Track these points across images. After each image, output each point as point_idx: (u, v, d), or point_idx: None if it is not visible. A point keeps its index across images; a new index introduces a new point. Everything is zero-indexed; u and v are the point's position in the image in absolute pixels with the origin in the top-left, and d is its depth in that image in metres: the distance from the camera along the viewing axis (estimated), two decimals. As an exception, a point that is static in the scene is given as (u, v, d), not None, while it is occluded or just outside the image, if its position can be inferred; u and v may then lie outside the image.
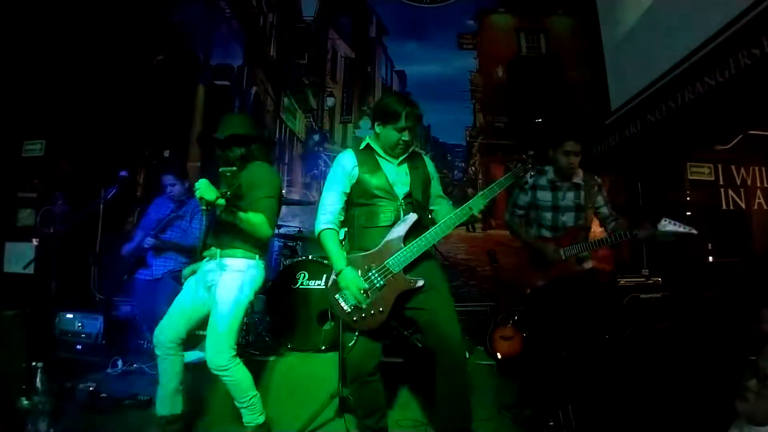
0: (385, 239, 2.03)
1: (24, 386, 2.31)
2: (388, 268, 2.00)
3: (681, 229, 2.41)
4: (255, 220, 2.07)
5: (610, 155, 4.51)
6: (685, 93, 3.50)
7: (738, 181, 4.13)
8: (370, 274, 2.01)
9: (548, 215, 2.72)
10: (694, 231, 2.42)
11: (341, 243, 2.31)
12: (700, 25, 3.24)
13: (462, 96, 5.11)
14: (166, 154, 4.72)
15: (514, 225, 2.81)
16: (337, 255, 2.05)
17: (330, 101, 5.37)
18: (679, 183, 4.01)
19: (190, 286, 2.23)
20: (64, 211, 3.81)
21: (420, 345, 3.08)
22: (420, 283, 2.00)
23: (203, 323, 2.19)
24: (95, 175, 3.82)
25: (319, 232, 2.10)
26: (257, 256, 2.20)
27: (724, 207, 4.06)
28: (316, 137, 5.30)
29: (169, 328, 2.16)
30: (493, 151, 5.08)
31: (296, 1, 5.38)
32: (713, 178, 4.08)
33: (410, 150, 2.18)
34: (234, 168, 1.97)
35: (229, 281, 2.12)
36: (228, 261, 2.15)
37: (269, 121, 5.26)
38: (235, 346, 2.15)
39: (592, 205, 2.70)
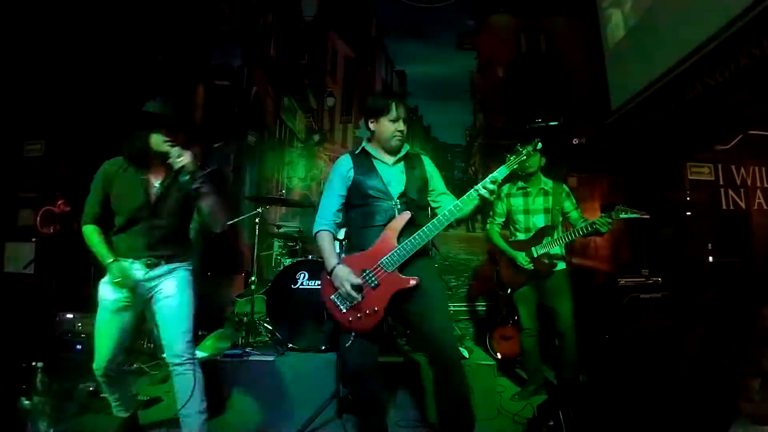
0: (379, 239, 2.05)
1: (24, 386, 2.31)
2: (382, 268, 2.01)
3: (634, 215, 2.73)
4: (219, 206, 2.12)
5: (610, 155, 4.51)
6: (685, 93, 3.50)
7: (738, 181, 4.12)
8: (364, 274, 2.01)
9: (521, 218, 3.13)
10: (646, 215, 2.74)
11: (342, 243, 2.30)
12: (700, 25, 3.24)
13: (462, 96, 5.11)
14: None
15: (493, 233, 3.23)
16: (329, 254, 2.07)
17: (330, 101, 5.37)
18: (679, 183, 4.01)
19: (117, 308, 2.13)
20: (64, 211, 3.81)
21: (409, 350, 3.10)
22: (414, 282, 2.00)
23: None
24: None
25: (315, 233, 2.15)
26: (191, 260, 2.28)
27: (724, 207, 4.05)
28: (316, 137, 5.30)
29: (114, 356, 2.15)
30: (493, 151, 5.08)
31: (296, 1, 5.38)
32: (713, 178, 4.07)
33: (406, 146, 2.20)
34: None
35: (179, 282, 2.18)
36: (175, 265, 2.19)
37: (269, 121, 5.26)
38: None
39: (561, 209, 3.07)
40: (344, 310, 2.03)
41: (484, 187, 1.97)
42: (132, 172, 2.12)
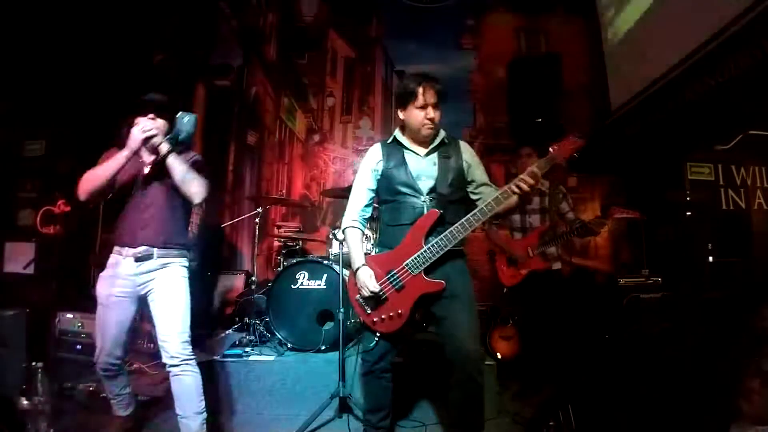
0: (405, 238, 1.96)
1: (24, 386, 2.31)
2: (407, 270, 1.93)
3: (628, 215, 2.83)
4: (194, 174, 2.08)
5: (610, 155, 4.51)
6: (685, 93, 3.50)
7: (738, 181, 4.12)
8: (389, 275, 1.95)
9: (517, 218, 3.17)
10: (639, 216, 2.84)
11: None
12: (700, 25, 3.24)
13: (462, 96, 5.11)
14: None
15: (491, 231, 3.27)
16: (356, 253, 2.00)
17: (330, 101, 5.37)
18: (679, 183, 4.01)
19: (115, 301, 2.12)
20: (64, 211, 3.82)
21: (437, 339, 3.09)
22: (440, 285, 1.93)
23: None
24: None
25: (343, 230, 2.08)
26: (187, 252, 2.24)
27: (724, 207, 4.06)
28: (316, 137, 5.30)
29: (111, 350, 2.14)
30: (493, 151, 5.07)
31: (296, 1, 5.39)
32: (713, 178, 4.07)
33: (441, 134, 2.07)
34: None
35: (173, 280, 2.15)
36: (168, 260, 2.15)
37: (269, 121, 5.26)
38: None
39: (557, 209, 3.11)
40: (369, 311, 1.99)
41: (525, 179, 1.82)
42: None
